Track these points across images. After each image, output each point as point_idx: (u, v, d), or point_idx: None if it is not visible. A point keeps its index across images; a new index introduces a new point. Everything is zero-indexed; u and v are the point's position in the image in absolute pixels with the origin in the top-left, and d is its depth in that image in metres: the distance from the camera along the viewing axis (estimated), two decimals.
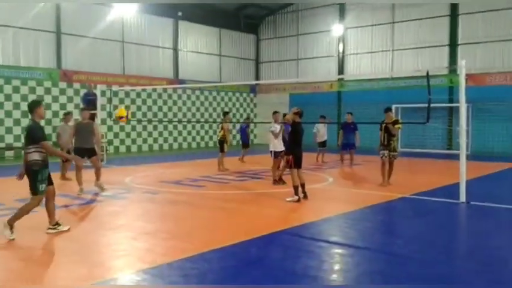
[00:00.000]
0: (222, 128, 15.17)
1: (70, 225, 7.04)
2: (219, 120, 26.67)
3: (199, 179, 12.67)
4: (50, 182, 6.80)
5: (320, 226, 7.62)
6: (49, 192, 6.79)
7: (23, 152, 6.58)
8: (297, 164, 9.56)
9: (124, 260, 5.76)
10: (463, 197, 9.32)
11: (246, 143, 18.09)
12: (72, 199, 9.59)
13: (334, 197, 10.48)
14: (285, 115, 11.99)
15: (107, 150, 18.35)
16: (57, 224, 6.84)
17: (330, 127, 19.02)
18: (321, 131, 17.41)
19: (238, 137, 20.96)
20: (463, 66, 9.46)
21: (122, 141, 22.40)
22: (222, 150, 14.77)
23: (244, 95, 28.78)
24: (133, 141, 22.84)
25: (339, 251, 6.27)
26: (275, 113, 12.24)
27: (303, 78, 27.39)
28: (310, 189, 10.89)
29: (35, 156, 6.50)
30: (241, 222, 7.85)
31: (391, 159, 11.53)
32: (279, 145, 11.65)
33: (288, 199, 9.37)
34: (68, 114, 13.26)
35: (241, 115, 28.40)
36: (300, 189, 9.46)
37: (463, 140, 9.63)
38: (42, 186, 6.58)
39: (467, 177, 9.52)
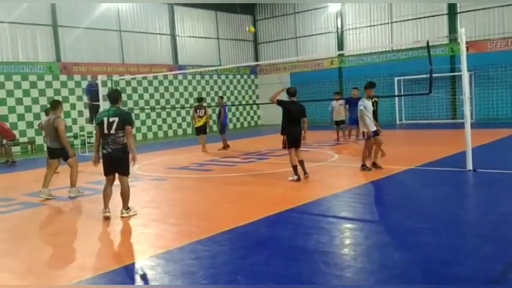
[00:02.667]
0: (206, 113, 15.74)
1: (82, 215, 7.14)
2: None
3: (205, 163, 12.73)
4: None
5: (329, 202, 7.67)
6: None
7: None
8: (292, 143, 9.45)
9: (137, 246, 5.85)
10: (469, 165, 9.33)
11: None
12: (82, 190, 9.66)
13: (341, 173, 10.52)
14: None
15: None
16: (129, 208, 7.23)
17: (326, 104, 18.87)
18: (337, 109, 16.40)
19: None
20: (463, 34, 9.39)
21: None
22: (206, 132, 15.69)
23: (245, 77, 28.68)
24: (138, 130, 22.89)
25: (349, 225, 6.33)
26: (360, 88, 11.53)
27: (303, 57, 27.24)
28: (317, 167, 10.95)
29: (126, 140, 6.96)
30: (250, 203, 7.91)
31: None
32: (370, 123, 9.93)
33: (289, 178, 9.42)
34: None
35: (243, 97, 28.37)
36: (299, 168, 9.46)
37: (467, 109, 9.61)
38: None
39: (473, 145, 9.52)
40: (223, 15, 27.48)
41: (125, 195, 7.10)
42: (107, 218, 7.01)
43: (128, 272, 4.95)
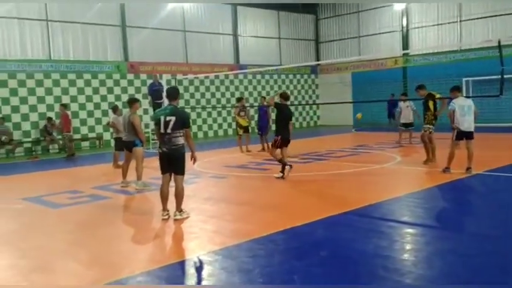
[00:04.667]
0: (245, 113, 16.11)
1: (146, 210, 7.36)
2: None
3: (263, 163, 12.78)
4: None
5: (390, 206, 7.48)
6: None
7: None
8: (284, 144, 10.26)
9: (196, 242, 5.97)
10: None
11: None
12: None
13: (404, 176, 10.22)
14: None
15: None
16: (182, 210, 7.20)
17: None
18: (405, 111, 15.73)
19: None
20: None
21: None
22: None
23: (305, 76, 28.52)
24: (200, 128, 23.38)
25: (410, 230, 6.14)
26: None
27: (366, 56, 26.70)
28: (378, 169, 10.75)
29: (182, 141, 6.94)
30: (307, 204, 7.86)
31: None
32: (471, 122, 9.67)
33: (275, 176, 10.04)
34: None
35: (302, 97, 28.23)
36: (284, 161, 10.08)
37: None
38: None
39: None
40: (285, 15, 27.47)
41: (179, 196, 7.00)
42: (165, 220, 7.04)
43: (187, 266, 5.07)
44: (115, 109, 12.43)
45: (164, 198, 7.09)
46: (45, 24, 18.68)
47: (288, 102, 10.45)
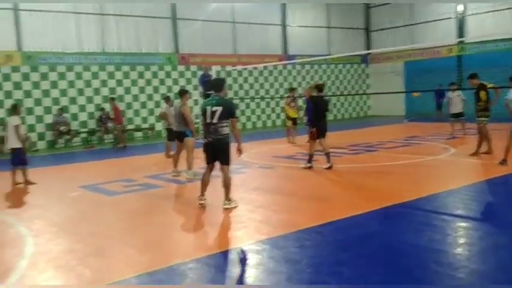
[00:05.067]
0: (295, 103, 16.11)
1: (196, 199, 7.47)
2: (330, 93, 26.38)
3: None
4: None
5: (443, 198, 7.27)
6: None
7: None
8: (321, 135, 10.19)
9: (243, 231, 6.05)
10: None
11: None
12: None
13: (458, 168, 9.86)
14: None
15: None
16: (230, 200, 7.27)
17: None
18: (454, 100, 15.18)
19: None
20: None
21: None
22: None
23: (355, 66, 28.01)
24: (248, 119, 23.52)
25: (464, 224, 5.95)
26: None
27: (419, 44, 25.84)
28: (431, 161, 10.47)
29: (228, 131, 7.03)
30: (356, 195, 7.77)
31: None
32: None
33: (302, 166, 10.30)
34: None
35: (352, 87, 27.75)
36: (325, 157, 10.12)
37: None
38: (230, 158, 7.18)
39: None
40: (335, 4, 27.02)
41: (226, 185, 7.09)
42: (202, 206, 7.20)
43: (235, 254, 5.15)
44: (167, 100, 12.71)
45: (204, 185, 7.28)
46: (100, 18, 19.31)
47: (323, 93, 10.61)
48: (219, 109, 6.91)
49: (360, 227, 5.93)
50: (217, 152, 7.09)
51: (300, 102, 17.82)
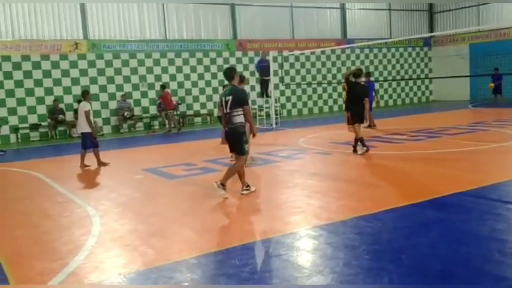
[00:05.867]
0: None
1: (253, 183, 7.59)
2: (390, 78, 25.67)
3: (370, 140, 12.48)
4: None
5: (508, 187, 6.96)
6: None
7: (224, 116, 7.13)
8: (354, 119, 10.35)
9: (301, 216, 6.08)
10: None
11: None
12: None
13: None
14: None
15: (280, 113, 19.19)
16: (248, 186, 7.35)
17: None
18: None
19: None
20: None
21: (294, 105, 23.10)
22: None
23: (417, 49, 27.02)
24: (305, 104, 23.38)
25: None
26: None
27: (486, 26, 24.53)
28: (496, 148, 10.06)
29: (241, 119, 7.07)
30: (417, 182, 7.58)
31: None
32: None
33: (359, 152, 10.16)
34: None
35: (413, 71, 26.84)
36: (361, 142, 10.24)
37: None
38: (247, 147, 7.24)
39: None
40: None
41: (230, 170, 7.17)
42: (245, 194, 7.19)
43: (291, 239, 5.19)
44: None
45: (239, 176, 7.25)
46: (161, 5, 19.76)
47: (359, 80, 10.65)
48: (230, 98, 7.01)
49: (420, 215, 5.80)
50: (231, 142, 7.26)
51: None
